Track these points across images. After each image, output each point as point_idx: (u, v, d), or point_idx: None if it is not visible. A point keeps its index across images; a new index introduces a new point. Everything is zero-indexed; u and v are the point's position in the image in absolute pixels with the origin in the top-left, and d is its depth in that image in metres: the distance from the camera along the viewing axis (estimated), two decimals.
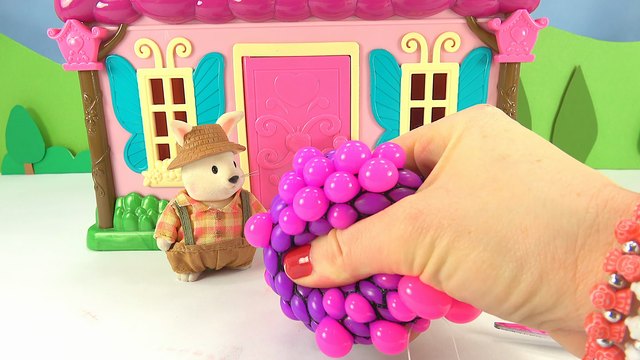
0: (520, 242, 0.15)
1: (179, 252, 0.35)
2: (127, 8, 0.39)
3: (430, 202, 0.17)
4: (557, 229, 0.14)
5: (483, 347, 0.27)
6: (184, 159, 0.34)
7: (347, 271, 0.20)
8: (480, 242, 0.15)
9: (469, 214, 0.16)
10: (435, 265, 0.16)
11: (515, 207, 0.15)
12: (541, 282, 0.15)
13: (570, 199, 0.15)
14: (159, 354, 0.27)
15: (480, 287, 0.16)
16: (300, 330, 0.29)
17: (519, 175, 0.16)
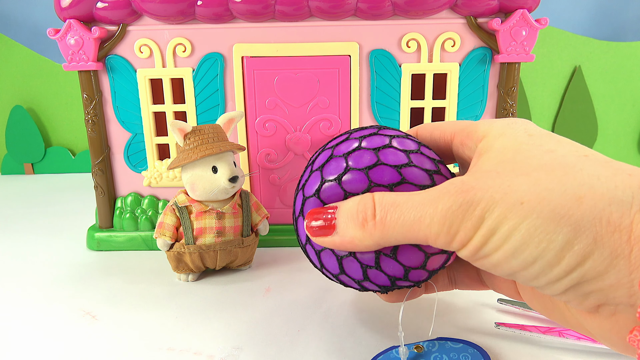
0: (575, 209, 0.15)
1: (179, 252, 0.35)
2: (127, 8, 0.39)
3: (481, 180, 0.17)
4: (612, 197, 0.15)
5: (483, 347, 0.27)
6: (184, 159, 0.34)
7: (375, 238, 0.19)
8: (534, 210, 0.15)
9: (522, 188, 0.16)
10: (484, 238, 0.16)
11: (569, 181, 0.15)
12: (595, 245, 0.15)
13: (623, 177, 0.15)
14: (159, 354, 0.27)
15: (532, 253, 0.15)
16: (300, 330, 0.29)
17: (569, 163, 0.16)
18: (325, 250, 0.22)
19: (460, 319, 0.30)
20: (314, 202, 0.22)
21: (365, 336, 0.29)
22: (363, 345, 0.28)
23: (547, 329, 0.27)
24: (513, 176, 0.16)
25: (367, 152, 0.21)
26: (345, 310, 0.32)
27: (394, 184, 0.20)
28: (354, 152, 0.22)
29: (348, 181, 0.21)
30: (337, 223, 0.20)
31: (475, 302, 0.32)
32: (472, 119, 0.42)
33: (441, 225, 0.17)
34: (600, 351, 0.26)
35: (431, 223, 0.17)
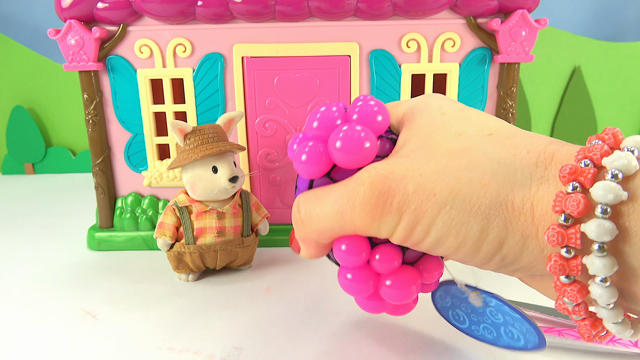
0: (482, 197, 0.16)
1: (179, 252, 0.35)
2: (127, 8, 0.39)
3: (395, 168, 0.17)
4: (513, 182, 0.16)
5: (483, 347, 0.27)
6: (184, 159, 0.34)
7: (307, 235, 0.20)
8: (446, 202, 0.16)
9: (432, 177, 0.17)
10: (406, 231, 0.17)
11: (474, 167, 0.16)
12: (506, 230, 0.16)
13: (522, 156, 0.16)
14: (159, 353, 0.27)
15: (453, 243, 0.16)
16: (300, 330, 0.29)
17: (473, 146, 0.17)
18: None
19: None
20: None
21: (365, 336, 0.29)
22: (363, 345, 0.28)
23: (547, 329, 0.27)
24: (424, 162, 0.17)
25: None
26: (345, 310, 0.32)
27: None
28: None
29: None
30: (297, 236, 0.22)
31: None
32: None
33: (363, 218, 0.17)
34: (600, 351, 0.26)
35: (353, 216, 0.18)
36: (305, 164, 0.20)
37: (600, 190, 0.13)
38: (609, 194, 0.13)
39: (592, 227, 0.13)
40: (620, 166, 0.14)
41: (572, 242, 0.14)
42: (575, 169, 0.14)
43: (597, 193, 0.14)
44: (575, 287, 0.14)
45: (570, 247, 0.14)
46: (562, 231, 0.14)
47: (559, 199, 0.14)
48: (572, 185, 0.14)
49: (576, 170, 0.14)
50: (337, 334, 0.29)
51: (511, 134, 0.18)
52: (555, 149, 0.16)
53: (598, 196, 0.13)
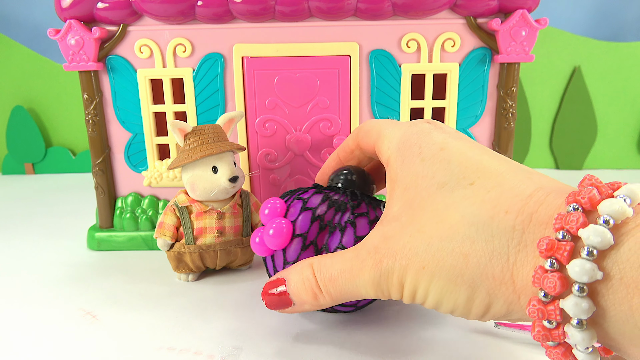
0: (465, 268, 0.17)
1: (179, 252, 0.35)
2: (127, 8, 0.39)
3: (389, 243, 0.19)
4: (491, 251, 0.16)
5: (483, 347, 0.27)
6: (184, 159, 0.34)
7: (327, 304, 0.23)
8: (434, 274, 0.18)
9: (419, 251, 0.18)
10: (409, 296, 0.19)
11: (454, 236, 0.17)
12: (490, 297, 0.17)
13: (499, 218, 0.16)
14: (159, 353, 0.27)
15: (448, 306, 0.18)
16: (300, 330, 0.29)
17: (454, 204, 0.18)
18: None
19: (460, 318, 0.30)
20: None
21: (365, 336, 0.29)
22: (363, 345, 0.28)
23: None
24: (412, 232, 0.19)
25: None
26: None
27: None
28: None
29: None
30: (292, 297, 0.23)
31: None
32: (472, 119, 0.42)
33: (375, 291, 0.20)
34: None
35: (366, 291, 0.20)
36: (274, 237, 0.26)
37: (577, 267, 0.14)
38: (583, 275, 0.13)
39: (570, 304, 0.14)
40: (595, 243, 0.13)
41: (552, 317, 0.14)
42: (552, 244, 0.14)
43: (573, 271, 0.14)
44: (560, 349, 0.15)
45: (551, 320, 0.15)
46: (542, 308, 0.15)
47: (537, 275, 0.15)
48: (549, 261, 0.14)
49: (553, 245, 0.14)
50: (337, 334, 0.29)
51: (493, 181, 0.17)
52: (535, 207, 0.16)
53: (574, 274, 0.14)
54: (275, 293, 0.24)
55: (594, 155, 0.78)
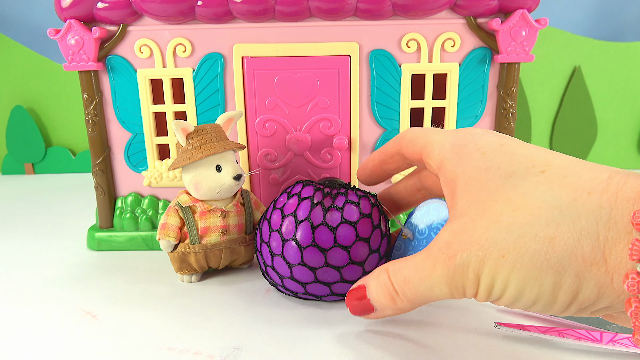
0: (551, 252, 0.16)
1: (184, 253, 0.35)
2: (127, 8, 0.39)
3: (462, 237, 0.18)
4: (579, 231, 0.16)
5: (483, 347, 0.27)
6: (187, 159, 0.33)
7: (406, 307, 0.22)
8: (516, 261, 0.17)
9: (498, 240, 0.17)
10: (486, 291, 0.18)
11: (537, 221, 0.16)
12: (579, 281, 0.16)
13: (583, 200, 0.16)
14: (159, 353, 0.27)
15: (530, 297, 0.17)
16: (300, 330, 0.29)
17: (529, 191, 0.17)
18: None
19: (460, 318, 0.30)
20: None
21: (365, 336, 0.29)
22: (363, 345, 0.28)
23: (547, 329, 0.27)
24: (487, 224, 0.18)
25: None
26: (345, 310, 0.32)
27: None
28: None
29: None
30: (373, 303, 0.24)
31: (475, 302, 0.32)
32: (472, 119, 0.42)
33: (450, 289, 0.19)
34: (600, 351, 0.26)
35: (441, 291, 0.20)
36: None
37: None
38: None
39: None
40: None
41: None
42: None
43: None
44: None
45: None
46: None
47: (635, 247, 0.14)
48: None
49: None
50: (337, 334, 0.29)
51: (565, 169, 0.17)
52: (618, 186, 0.16)
53: None
54: (358, 301, 0.24)
55: (594, 155, 0.78)
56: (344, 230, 0.29)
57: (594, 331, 0.27)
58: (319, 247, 0.29)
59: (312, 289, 0.30)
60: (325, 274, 0.30)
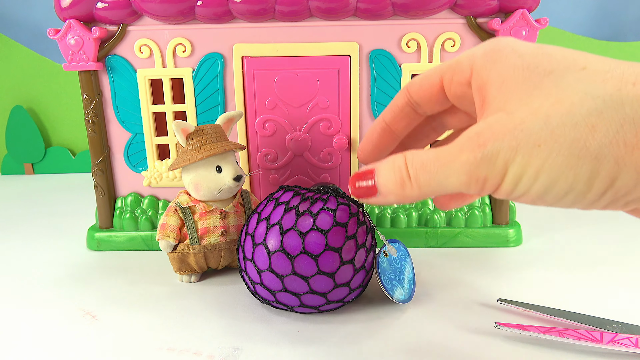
0: (591, 139, 0.16)
1: (183, 253, 0.35)
2: (127, 8, 0.39)
3: (495, 127, 0.17)
4: (622, 118, 0.15)
5: (483, 347, 0.27)
6: (188, 159, 0.33)
7: (414, 196, 0.21)
8: (552, 150, 0.16)
9: (534, 129, 0.16)
10: (512, 183, 0.17)
11: (578, 111, 0.16)
12: (618, 167, 0.16)
13: (627, 89, 0.16)
14: (159, 353, 0.27)
15: (563, 187, 0.17)
16: (300, 330, 0.29)
17: (570, 86, 0.17)
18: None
19: (460, 318, 0.30)
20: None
21: (366, 336, 0.29)
22: (363, 345, 0.28)
23: (547, 329, 0.27)
24: (523, 115, 0.17)
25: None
26: (345, 310, 0.32)
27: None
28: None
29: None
30: (378, 186, 0.22)
31: (475, 302, 0.32)
32: None
33: (469, 179, 0.18)
34: (600, 351, 0.26)
35: (459, 179, 0.18)
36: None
37: None
38: None
39: None
40: None
41: None
42: None
43: None
44: None
45: None
46: None
47: None
48: None
49: None
50: (337, 334, 0.29)
51: (607, 65, 0.17)
52: None
53: None
54: (363, 184, 0.23)
55: None
56: (314, 238, 0.28)
57: (594, 331, 0.27)
58: (286, 253, 0.28)
59: (282, 297, 0.29)
60: (293, 283, 0.28)
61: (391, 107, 0.26)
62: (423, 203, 0.44)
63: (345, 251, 0.28)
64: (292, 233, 0.28)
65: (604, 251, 0.41)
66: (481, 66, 0.20)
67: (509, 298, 0.32)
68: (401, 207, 0.44)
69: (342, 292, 0.29)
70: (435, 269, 0.38)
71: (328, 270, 0.28)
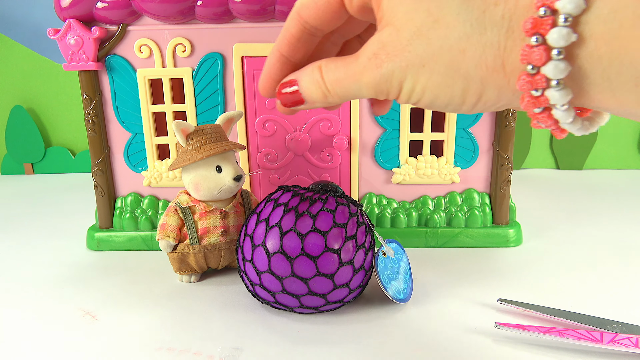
0: (462, 61, 0.19)
1: (183, 253, 0.35)
2: (127, 8, 0.39)
3: (387, 49, 0.21)
4: (484, 43, 0.18)
5: (483, 347, 0.27)
6: (188, 159, 0.33)
7: (335, 101, 0.24)
8: (434, 70, 0.19)
9: (419, 51, 0.20)
10: (407, 95, 0.21)
11: (451, 34, 0.19)
12: (483, 85, 0.19)
13: (490, 11, 0.18)
14: (159, 353, 0.27)
15: (444, 100, 0.20)
16: (300, 330, 0.29)
17: (446, 3, 0.19)
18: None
19: (460, 319, 0.30)
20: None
21: (366, 336, 0.29)
22: (363, 345, 0.28)
23: (547, 329, 0.27)
24: (409, 36, 0.20)
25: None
26: (344, 311, 0.32)
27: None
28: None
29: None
30: (304, 97, 0.25)
31: (475, 302, 0.32)
32: (472, 119, 0.42)
33: (375, 92, 0.22)
34: (600, 351, 0.26)
35: (368, 92, 0.22)
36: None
37: (555, 34, 0.16)
38: (560, 40, 0.16)
39: (550, 68, 0.16)
40: (569, 10, 0.16)
41: (538, 85, 0.17)
42: (535, 22, 0.16)
43: (552, 38, 0.16)
44: (544, 114, 0.18)
45: (538, 89, 0.17)
46: (530, 79, 0.17)
47: (524, 52, 0.17)
48: (534, 37, 0.16)
49: (536, 22, 0.16)
50: (337, 334, 0.29)
51: None
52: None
53: (553, 40, 0.16)
54: (289, 92, 0.25)
55: (594, 155, 0.78)
56: (313, 239, 0.28)
57: (594, 331, 0.27)
58: (286, 255, 0.28)
59: (282, 298, 0.29)
60: (293, 285, 0.28)
61: (286, 38, 0.26)
62: (423, 203, 0.44)
63: (344, 252, 0.28)
64: (291, 234, 0.28)
65: (604, 251, 0.41)
66: None
67: (509, 298, 0.32)
68: (401, 207, 0.44)
69: (342, 292, 0.29)
70: (435, 269, 0.38)
71: (327, 271, 0.28)
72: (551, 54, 0.16)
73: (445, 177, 0.43)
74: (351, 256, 0.29)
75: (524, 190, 0.64)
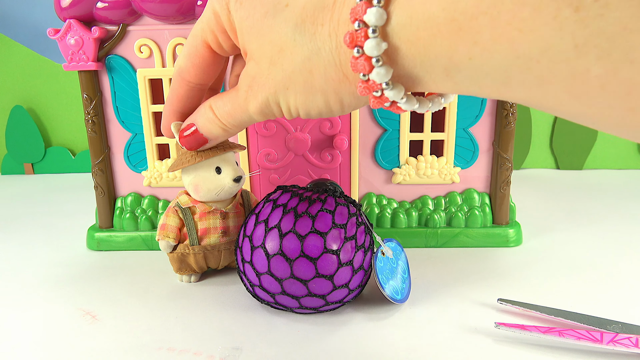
0: (313, 80, 0.21)
1: (183, 254, 0.35)
2: (127, 8, 0.39)
3: (257, 80, 0.23)
4: (325, 61, 0.20)
5: (483, 347, 0.27)
6: (187, 161, 0.33)
7: (235, 132, 0.27)
8: (296, 90, 0.22)
9: (278, 78, 0.22)
10: (287, 112, 0.24)
11: (296, 59, 0.21)
12: (339, 94, 0.21)
13: (318, 33, 0.20)
14: (159, 353, 0.27)
15: (315, 112, 0.23)
16: (300, 330, 0.29)
17: (282, 30, 0.21)
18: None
19: (460, 319, 0.30)
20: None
21: (366, 336, 0.29)
22: (362, 345, 0.28)
23: (547, 329, 0.27)
24: (267, 66, 0.22)
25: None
26: (346, 310, 0.32)
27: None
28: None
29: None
30: (207, 136, 0.28)
31: (475, 302, 0.32)
32: (472, 119, 0.42)
33: (263, 116, 0.25)
34: (600, 351, 0.26)
35: (258, 118, 0.25)
36: None
37: (369, 45, 0.17)
38: (374, 50, 0.17)
39: (375, 74, 0.18)
40: (374, 22, 0.17)
41: (374, 88, 0.19)
42: (352, 36, 0.18)
43: (367, 48, 0.18)
44: (392, 106, 0.20)
45: (376, 90, 0.19)
46: (366, 85, 0.19)
47: (352, 63, 0.18)
48: (356, 49, 0.18)
49: (353, 36, 0.18)
50: (337, 334, 0.29)
51: (305, 1, 0.20)
52: (339, 13, 0.19)
53: (369, 50, 0.18)
54: (190, 134, 0.28)
55: (594, 155, 0.78)
56: (313, 241, 0.28)
57: (594, 331, 0.27)
58: (285, 256, 0.28)
59: (281, 300, 0.29)
60: (293, 286, 0.28)
61: (176, 98, 0.29)
62: (423, 203, 0.44)
63: (343, 253, 0.28)
64: (291, 236, 0.28)
65: (604, 251, 0.41)
66: (234, 10, 0.23)
67: (509, 298, 0.32)
68: (401, 207, 0.44)
69: (341, 293, 0.29)
70: (436, 269, 0.38)
71: (327, 272, 0.28)
72: (372, 62, 0.18)
73: (445, 177, 0.43)
74: (350, 257, 0.29)
75: (524, 190, 0.64)
